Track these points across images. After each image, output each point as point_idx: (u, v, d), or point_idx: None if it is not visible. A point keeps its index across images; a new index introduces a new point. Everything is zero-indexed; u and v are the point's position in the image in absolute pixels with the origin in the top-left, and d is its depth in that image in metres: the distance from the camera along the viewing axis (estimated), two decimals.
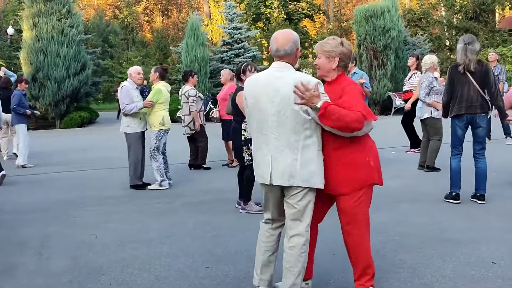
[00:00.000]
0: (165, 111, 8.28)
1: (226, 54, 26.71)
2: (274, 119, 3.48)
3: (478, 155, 6.49)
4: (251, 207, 6.61)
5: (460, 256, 4.61)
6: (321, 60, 3.61)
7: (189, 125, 9.94)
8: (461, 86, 6.31)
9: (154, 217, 6.53)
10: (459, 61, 6.31)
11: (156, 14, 62.51)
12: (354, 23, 25.45)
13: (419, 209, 6.37)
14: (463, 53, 6.26)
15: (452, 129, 6.51)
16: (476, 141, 6.48)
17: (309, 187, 3.49)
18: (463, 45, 6.27)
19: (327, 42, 3.64)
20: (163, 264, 4.73)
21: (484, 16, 31.27)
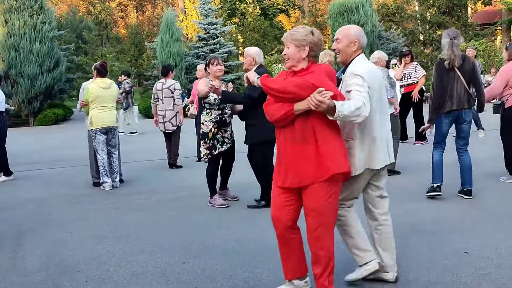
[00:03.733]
0: (95, 109, 7.95)
1: (201, 49, 26.60)
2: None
3: (461, 149, 6.49)
4: (214, 201, 6.67)
5: (434, 246, 4.68)
6: (291, 49, 3.48)
7: (171, 121, 9.65)
8: (450, 82, 6.21)
9: (130, 214, 6.50)
10: (445, 56, 6.20)
11: (131, 10, 61.91)
12: (329, 18, 25.56)
13: (393, 202, 6.41)
14: (450, 49, 6.15)
15: (437, 125, 6.44)
16: (460, 136, 6.46)
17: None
18: (449, 40, 6.16)
19: (296, 30, 3.52)
20: (140, 260, 4.71)
21: (456, 11, 31.62)
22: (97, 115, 7.98)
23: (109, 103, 8.05)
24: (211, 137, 6.42)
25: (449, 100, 6.23)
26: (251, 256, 4.65)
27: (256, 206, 6.45)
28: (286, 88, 3.30)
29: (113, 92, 8.11)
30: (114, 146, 8.19)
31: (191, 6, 39.74)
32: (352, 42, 3.73)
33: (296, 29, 3.54)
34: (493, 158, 8.91)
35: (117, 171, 8.23)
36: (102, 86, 8.04)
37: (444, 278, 3.96)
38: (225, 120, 6.45)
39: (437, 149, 6.55)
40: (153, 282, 4.19)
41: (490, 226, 5.22)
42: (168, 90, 9.54)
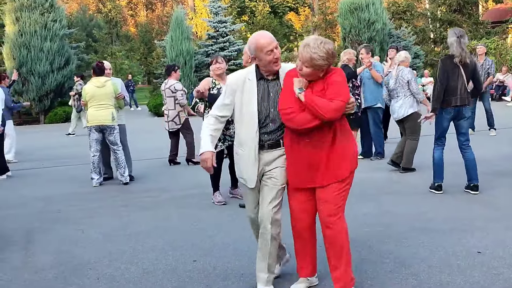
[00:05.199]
0: (91, 108, 8.10)
1: (211, 47, 26.61)
2: None
3: (464, 146, 6.55)
4: (215, 198, 6.72)
5: (446, 246, 4.65)
6: (308, 71, 3.42)
7: (175, 120, 9.77)
8: (453, 78, 6.33)
9: (140, 212, 6.51)
10: (456, 53, 6.29)
11: (140, 8, 62.08)
12: (339, 16, 25.50)
13: (403, 200, 6.40)
14: (458, 46, 6.27)
15: (438, 121, 6.52)
16: (461, 132, 6.54)
17: None
18: (456, 38, 6.29)
19: (317, 54, 3.35)
20: (151, 258, 4.71)
21: (467, 9, 31.45)
22: (92, 113, 8.10)
23: (105, 102, 8.10)
24: None
25: (453, 95, 6.36)
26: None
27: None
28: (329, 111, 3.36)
29: (108, 90, 8.13)
30: (114, 143, 8.18)
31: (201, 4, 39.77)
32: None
33: (315, 50, 3.35)
34: (504, 157, 8.84)
35: (124, 166, 8.22)
36: (97, 85, 8.14)
37: (457, 278, 3.93)
38: None
39: (438, 146, 6.63)
40: (164, 279, 4.19)
41: (502, 225, 5.17)
42: (169, 90, 9.63)
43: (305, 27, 44.13)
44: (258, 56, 3.60)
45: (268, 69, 3.63)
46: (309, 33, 42.04)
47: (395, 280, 3.94)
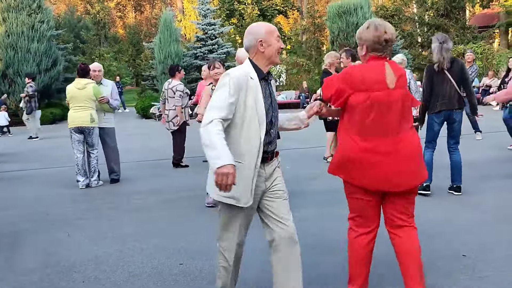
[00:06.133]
0: (71, 109, 8.18)
1: (199, 50, 26.58)
2: None
3: (452, 148, 6.69)
4: (207, 199, 6.68)
5: (432, 249, 4.67)
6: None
7: (173, 121, 9.69)
8: (440, 83, 6.45)
9: (128, 214, 6.49)
10: (435, 60, 6.46)
11: (129, 10, 61.90)
12: (327, 20, 25.59)
13: None
14: (439, 52, 6.41)
15: (429, 125, 6.66)
16: (451, 136, 6.66)
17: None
18: (438, 44, 6.42)
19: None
20: (137, 261, 4.70)
21: (455, 13, 31.70)
22: (72, 115, 8.16)
23: (83, 104, 8.10)
24: None
25: (439, 100, 6.47)
26: (250, 258, 4.63)
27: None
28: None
29: (88, 92, 8.11)
30: (91, 145, 8.22)
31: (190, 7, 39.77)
32: None
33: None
34: (490, 161, 8.91)
35: (94, 171, 8.28)
36: (77, 86, 8.16)
37: (442, 281, 3.95)
38: None
39: (428, 149, 6.72)
40: (149, 283, 4.18)
41: (488, 229, 5.22)
42: (171, 90, 9.59)
43: (294, 30, 44.19)
44: (268, 40, 3.26)
45: (272, 61, 3.31)
46: (297, 36, 42.15)
47: (382, 283, 3.95)
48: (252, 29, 3.33)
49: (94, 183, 8.26)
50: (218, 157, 2.91)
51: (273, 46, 3.27)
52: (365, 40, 3.38)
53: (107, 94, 8.40)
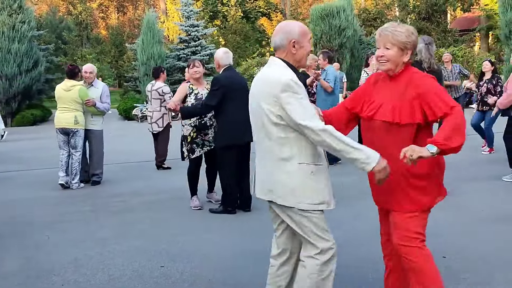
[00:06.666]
0: (57, 110, 8.27)
1: (182, 51, 26.53)
2: (253, 123, 3.18)
3: None
4: (191, 202, 6.68)
5: None
6: (393, 52, 3.01)
7: (157, 122, 9.69)
8: None
9: (109, 216, 6.44)
10: (424, 58, 6.46)
11: (112, 11, 61.51)
12: (310, 22, 25.67)
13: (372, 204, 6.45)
14: (427, 52, 6.47)
15: None
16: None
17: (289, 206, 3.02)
18: (424, 44, 6.47)
19: (397, 30, 3.01)
20: (117, 264, 4.66)
21: (436, 17, 32.00)
22: (57, 116, 8.24)
23: (68, 105, 8.11)
24: (189, 141, 6.44)
25: None
26: (232, 260, 4.63)
27: (215, 211, 6.40)
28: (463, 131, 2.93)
29: (73, 95, 8.10)
30: (73, 147, 8.20)
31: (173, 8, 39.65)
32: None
33: (395, 27, 3.04)
34: (471, 162, 9.01)
35: (76, 173, 8.24)
36: (63, 88, 8.21)
37: None
38: (205, 123, 6.40)
39: None
40: (130, 285, 4.15)
41: (468, 230, 5.27)
42: (156, 92, 9.59)
43: None
44: (301, 42, 3.05)
45: (302, 64, 3.15)
46: None
47: (365, 284, 3.97)
48: (285, 27, 3.10)
49: (75, 186, 8.20)
50: (368, 156, 2.86)
51: (305, 48, 3.09)
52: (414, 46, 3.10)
53: (97, 97, 8.36)
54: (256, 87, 3.09)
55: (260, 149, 3.14)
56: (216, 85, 6.04)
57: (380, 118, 3.04)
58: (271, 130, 2.97)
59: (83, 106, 8.17)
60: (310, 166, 2.98)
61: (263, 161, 3.11)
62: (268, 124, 2.97)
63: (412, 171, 3.04)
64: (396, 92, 3.03)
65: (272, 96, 2.92)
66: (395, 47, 2.99)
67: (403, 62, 3.05)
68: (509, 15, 20.37)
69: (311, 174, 2.98)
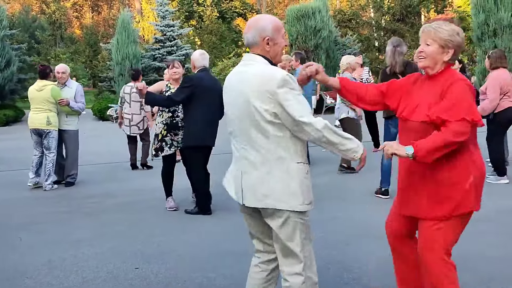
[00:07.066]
0: (31, 111, 8.24)
1: (158, 51, 26.37)
2: (236, 124, 2.95)
3: None
4: (167, 203, 6.65)
5: (387, 251, 4.74)
6: (432, 48, 2.97)
7: (138, 125, 9.67)
8: None
9: (84, 218, 6.38)
10: (388, 63, 6.56)
11: (86, 10, 60.86)
12: (286, 23, 25.74)
13: (346, 206, 6.52)
14: (392, 56, 6.50)
15: (385, 129, 6.72)
16: None
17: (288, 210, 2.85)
18: (392, 47, 6.51)
19: (441, 27, 2.96)
20: (91, 266, 4.62)
21: (410, 18, 32.39)
22: (31, 116, 8.21)
23: (41, 105, 8.06)
24: (160, 139, 6.46)
25: None
26: (207, 261, 4.62)
27: (190, 212, 6.38)
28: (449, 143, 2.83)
29: (45, 95, 8.04)
30: (47, 148, 8.14)
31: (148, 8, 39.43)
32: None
33: (440, 25, 2.99)
34: None
35: (49, 174, 8.15)
36: (36, 88, 8.17)
37: (389, 282, 4.02)
38: (177, 123, 6.41)
39: None
40: (104, 287, 4.12)
41: None
42: (136, 94, 9.48)
43: None
44: (275, 39, 2.88)
45: (277, 61, 2.96)
46: None
47: (338, 285, 4.00)
48: (257, 23, 2.89)
49: (48, 187, 8.10)
50: (358, 145, 2.86)
51: (279, 45, 2.91)
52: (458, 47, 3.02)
53: (71, 96, 8.26)
54: (243, 84, 2.85)
55: (246, 150, 2.90)
56: (187, 82, 6.07)
57: (417, 119, 2.96)
58: (267, 129, 2.79)
59: (57, 106, 8.09)
60: (306, 165, 2.90)
61: (251, 164, 2.89)
62: (263, 122, 2.79)
63: (443, 177, 2.96)
64: (433, 92, 2.97)
65: (267, 93, 2.75)
66: (435, 43, 2.95)
67: (443, 61, 2.98)
68: (481, 17, 20.68)
69: (307, 174, 2.90)
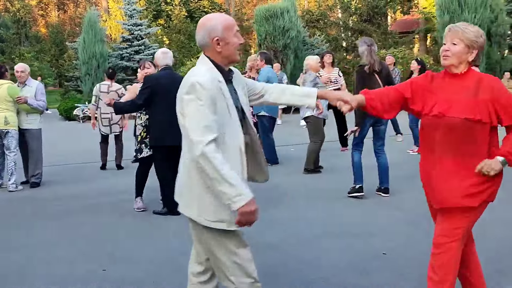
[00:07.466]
0: None
1: (125, 50, 26.15)
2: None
3: (379, 150, 6.81)
4: (135, 204, 6.60)
5: (354, 249, 4.80)
6: (459, 47, 3.01)
7: (118, 123, 9.61)
8: (371, 85, 6.26)
9: (50, 220, 6.27)
10: (367, 62, 6.52)
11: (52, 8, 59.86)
12: (255, 23, 25.78)
13: (316, 204, 6.55)
14: (369, 55, 6.51)
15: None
16: (378, 137, 6.80)
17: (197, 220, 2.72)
18: (367, 47, 6.52)
19: (468, 28, 3.03)
20: (59, 269, 4.54)
21: (377, 19, 32.79)
22: None
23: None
24: (139, 140, 6.43)
25: None
26: (176, 263, 4.59)
27: (159, 213, 6.33)
28: None
29: (1, 94, 7.92)
30: (7, 148, 8.02)
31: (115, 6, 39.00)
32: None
33: (466, 26, 3.05)
34: (410, 161, 9.26)
35: (12, 174, 8.02)
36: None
37: (364, 280, 4.07)
38: None
39: (356, 151, 6.79)
40: None
41: (407, 227, 5.41)
42: (115, 93, 9.45)
43: None
44: (226, 38, 2.70)
45: (232, 60, 2.77)
46: None
47: (304, 284, 4.02)
48: (206, 24, 2.74)
49: (12, 187, 7.95)
50: (239, 193, 2.50)
51: (231, 44, 2.73)
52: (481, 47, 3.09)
53: (31, 95, 8.12)
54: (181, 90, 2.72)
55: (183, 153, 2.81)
56: (145, 84, 6.08)
57: (459, 116, 2.97)
58: (183, 132, 2.66)
59: (15, 105, 7.95)
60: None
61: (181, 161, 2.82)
62: (181, 125, 2.66)
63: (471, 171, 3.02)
64: (467, 90, 3.00)
65: (179, 97, 2.65)
66: (462, 43, 3.00)
67: (468, 62, 3.04)
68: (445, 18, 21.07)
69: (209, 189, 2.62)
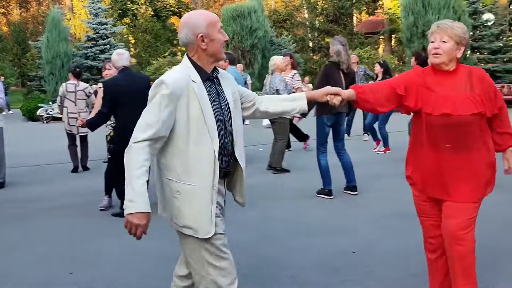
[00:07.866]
0: None
1: (90, 50, 25.80)
2: None
3: (341, 150, 6.82)
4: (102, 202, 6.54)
5: (322, 247, 4.82)
6: (448, 45, 3.03)
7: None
8: (336, 84, 6.34)
9: (10, 223, 6.12)
10: (344, 60, 6.49)
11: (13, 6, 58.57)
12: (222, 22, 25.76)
13: (285, 204, 6.57)
14: (345, 53, 6.51)
15: (320, 127, 6.64)
16: (339, 138, 6.81)
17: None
18: (341, 46, 6.51)
19: (455, 25, 3.07)
20: (22, 273, 4.43)
21: (343, 19, 33.13)
22: None
23: None
24: (108, 140, 6.44)
25: None
26: (145, 264, 4.54)
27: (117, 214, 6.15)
28: None
29: None
30: None
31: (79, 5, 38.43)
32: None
33: (453, 22, 3.10)
34: (377, 160, 9.38)
35: None
36: None
37: (332, 278, 4.09)
38: None
39: (322, 152, 6.74)
40: None
41: (374, 225, 5.47)
42: (82, 92, 9.37)
43: None
44: (211, 34, 2.65)
45: (217, 58, 2.72)
46: None
47: (273, 282, 4.02)
48: (189, 20, 2.67)
49: None
50: (131, 199, 2.48)
51: (216, 41, 2.67)
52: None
53: None
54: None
55: None
56: (104, 91, 6.01)
57: (466, 113, 3.00)
58: None
59: None
60: (178, 184, 2.61)
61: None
62: None
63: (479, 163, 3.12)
64: (464, 86, 3.06)
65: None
66: (452, 40, 3.03)
67: (456, 58, 3.09)
68: (410, 19, 21.39)
69: (177, 193, 2.62)
